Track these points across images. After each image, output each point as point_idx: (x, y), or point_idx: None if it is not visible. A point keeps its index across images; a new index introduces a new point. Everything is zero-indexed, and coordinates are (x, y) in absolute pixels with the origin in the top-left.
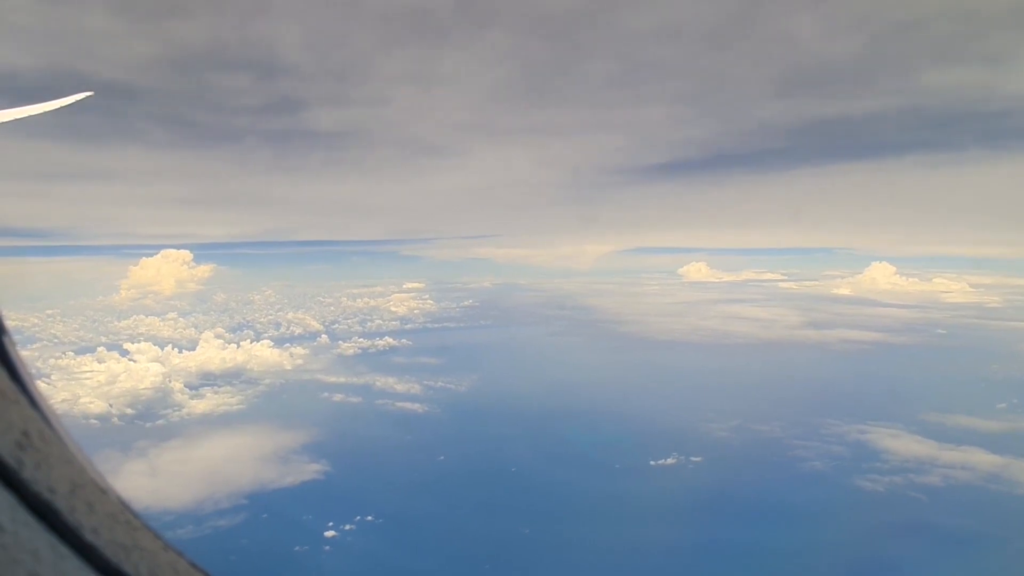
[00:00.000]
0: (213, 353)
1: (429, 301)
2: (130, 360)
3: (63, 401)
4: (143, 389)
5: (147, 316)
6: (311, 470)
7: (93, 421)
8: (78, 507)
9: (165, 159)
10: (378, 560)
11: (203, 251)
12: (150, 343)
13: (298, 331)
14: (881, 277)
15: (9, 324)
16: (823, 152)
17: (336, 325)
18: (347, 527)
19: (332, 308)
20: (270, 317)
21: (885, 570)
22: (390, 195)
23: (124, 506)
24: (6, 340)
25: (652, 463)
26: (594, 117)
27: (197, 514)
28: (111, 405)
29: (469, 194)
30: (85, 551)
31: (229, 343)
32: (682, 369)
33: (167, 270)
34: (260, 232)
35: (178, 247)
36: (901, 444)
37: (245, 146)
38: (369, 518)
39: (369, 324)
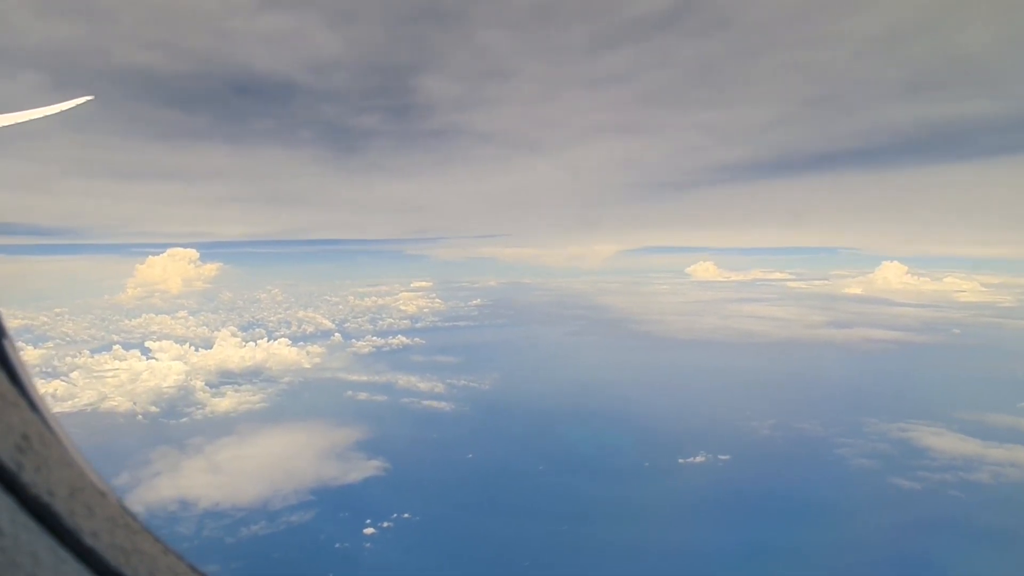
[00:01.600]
0: (231, 352)
1: (437, 300)
2: (152, 359)
3: (88, 400)
4: (167, 387)
5: (157, 315)
6: (371, 467)
7: (120, 419)
8: (78, 510)
9: (163, 159)
10: (418, 558)
11: (207, 250)
12: (171, 341)
13: (310, 330)
14: (893, 277)
15: (11, 326)
16: (826, 155)
17: (347, 324)
18: (385, 524)
19: (341, 307)
20: (279, 316)
21: (957, 567)
22: (397, 195)
23: (124, 509)
24: (6, 343)
25: (680, 461)
26: (607, 122)
27: (267, 510)
28: (135, 403)
29: (479, 195)
30: (85, 554)
31: (246, 342)
32: (708, 368)
33: (174, 269)
34: (262, 231)
35: (184, 246)
36: (946, 442)
37: (250, 146)
38: (406, 515)
39: (380, 323)
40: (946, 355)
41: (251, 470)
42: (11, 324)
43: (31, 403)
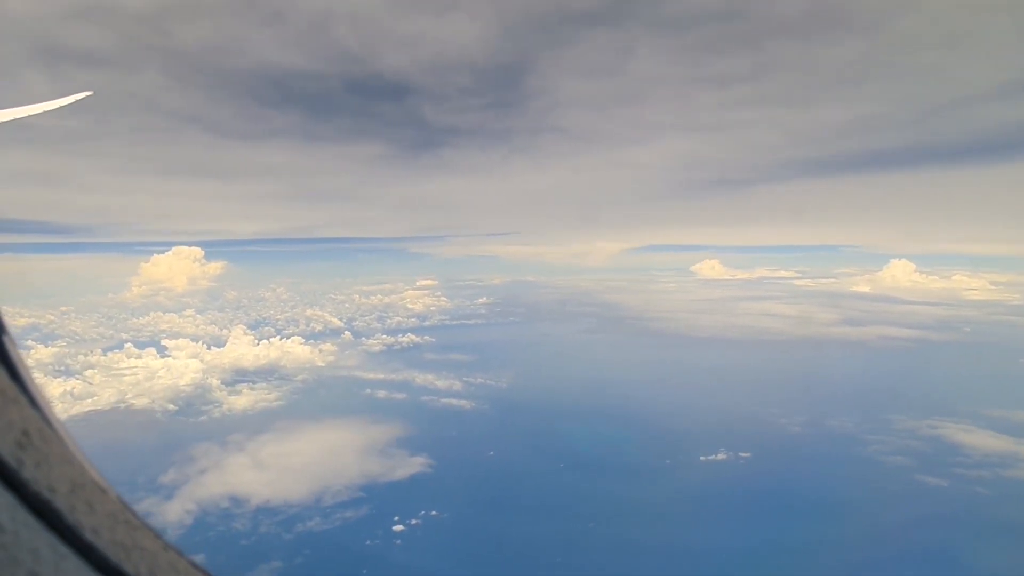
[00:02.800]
0: (245, 350)
1: (443, 298)
2: (168, 357)
3: (109, 399)
4: (184, 386)
5: (165, 313)
6: (416, 463)
7: (147, 417)
8: (78, 507)
9: (163, 158)
10: (448, 555)
11: (208, 248)
12: (187, 339)
13: (319, 328)
14: (901, 275)
15: (18, 324)
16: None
17: (355, 322)
18: (413, 522)
19: (347, 305)
20: (286, 314)
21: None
22: (402, 194)
23: (124, 506)
24: (6, 340)
25: (702, 459)
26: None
27: (319, 506)
28: (153, 401)
29: (485, 194)
30: (85, 551)
31: (259, 340)
32: (725, 366)
33: (179, 267)
34: (262, 229)
35: (187, 244)
36: (977, 439)
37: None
38: (434, 513)
39: (388, 321)
40: (964, 353)
41: (295, 467)
42: (17, 322)
43: (31, 399)
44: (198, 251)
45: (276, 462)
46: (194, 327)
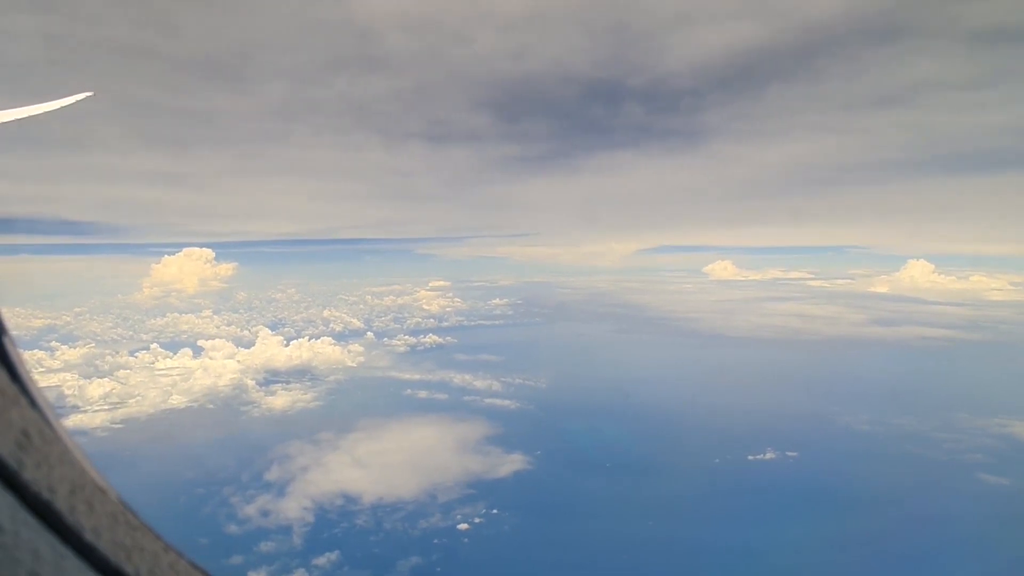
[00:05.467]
0: (276, 350)
1: (457, 299)
2: (206, 358)
3: (154, 400)
4: (222, 386)
5: (182, 314)
6: (515, 460)
7: (217, 416)
8: (78, 507)
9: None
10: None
11: (217, 250)
12: (224, 340)
13: (338, 328)
14: (920, 275)
15: (34, 325)
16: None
17: (373, 323)
18: (477, 520)
19: (361, 306)
20: (301, 315)
21: None
22: (410, 192)
23: (124, 506)
24: (6, 340)
25: (750, 458)
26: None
27: (436, 503)
28: (194, 401)
29: (493, 196)
30: (85, 551)
31: (288, 340)
32: (766, 365)
33: (190, 268)
34: (267, 231)
35: (199, 245)
36: None
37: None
38: (495, 511)
39: (407, 322)
40: (1005, 352)
41: (395, 464)
42: (34, 323)
43: (31, 400)
44: (209, 252)
45: (375, 460)
46: (215, 328)
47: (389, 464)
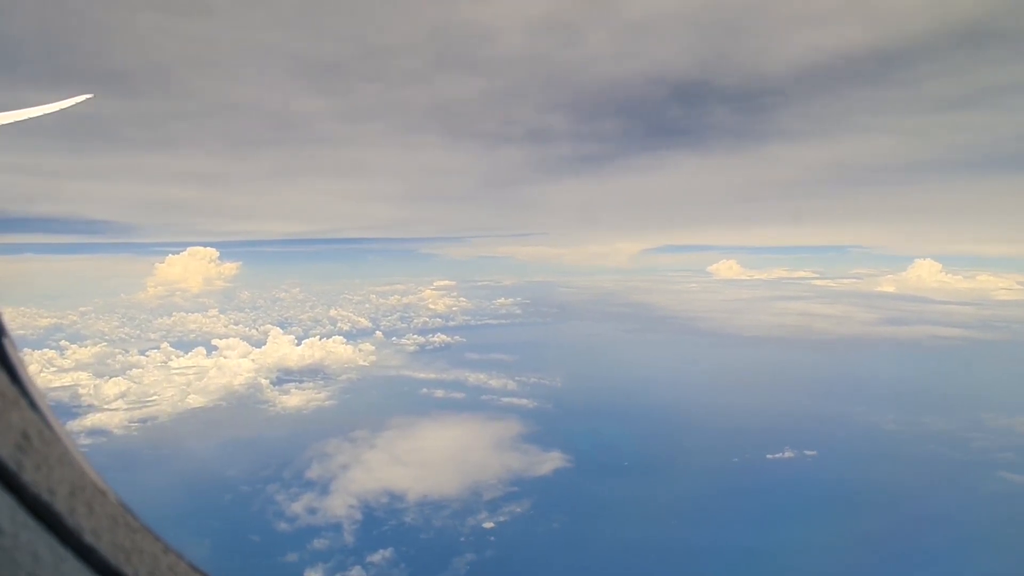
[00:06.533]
0: (288, 349)
1: (462, 299)
2: (221, 356)
3: (172, 398)
4: (238, 385)
5: (188, 313)
6: (554, 459)
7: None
8: (78, 509)
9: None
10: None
11: (220, 249)
12: (238, 339)
13: (345, 327)
14: (927, 275)
15: (40, 324)
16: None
17: (380, 322)
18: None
19: (366, 306)
20: (307, 314)
21: None
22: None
23: (124, 508)
24: (6, 342)
25: (768, 457)
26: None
27: (482, 501)
28: (218, 400)
29: (498, 196)
30: (85, 553)
31: (299, 339)
32: (783, 364)
33: (194, 268)
34: (268, 231)
35: (202, 245)
36: None
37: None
38: (518, 510)
39: (414, 321)
40: (1019, 351)
41: (434, 462)
42: (39, 323)
43: (31, 402)
44: (213, 252)
45: (413, 458)
46: (223, 327)
47: (428, 462)
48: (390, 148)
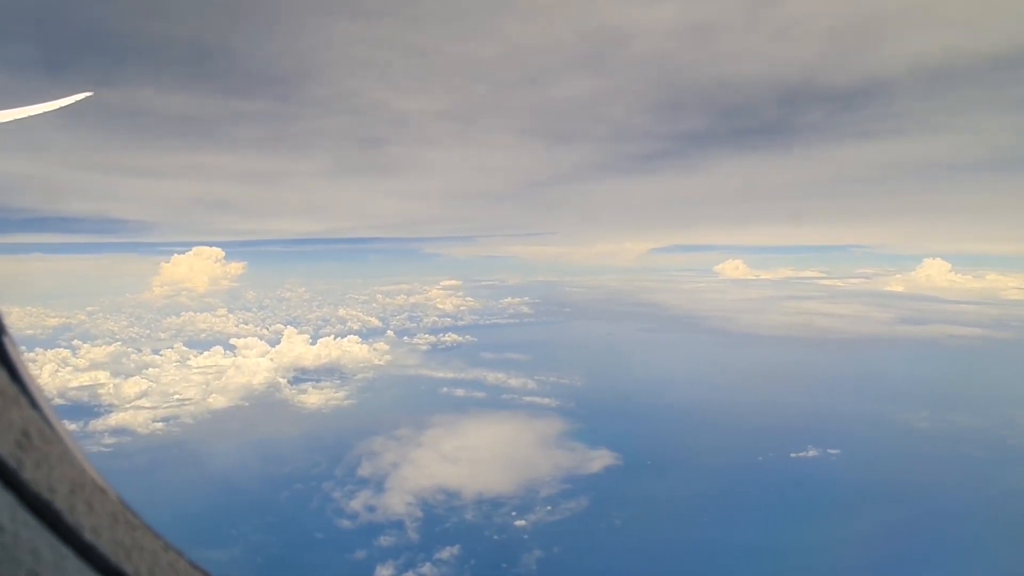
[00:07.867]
0: (304, 349)
1: (469, 298)
2: (239, 356)
3: (193, 397)
4: (257, 384)
5: (197, 313)
6: (603, 456)
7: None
8: (78, 507)
9: (169, 159)
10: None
11: (225, 249)
12: (256, 339)
13: (355, 327)
14: (936, 274)
15: (48, 324)
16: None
17: (390, 322)
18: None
19: (373, 305)
20: (315, 314)
21: None
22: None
23: (124, 506)
24: (6, 340)
25: (792, 455)
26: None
27: (539, 498)
28: (242, 399)
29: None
30: (85, 551)
31: (314, 339)
32: (803, 363)
33: (200, 267)
34: (272, 230)
35: (205, 244)
36: None
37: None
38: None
39: (423, 321)
40: None
41: (484, 460)
42: (48, 323)
43: (31, 400)
44: (219, 251)
45: (461, 456)
46: (234, 327)
47: (477, 460)
48: (393, 148)
